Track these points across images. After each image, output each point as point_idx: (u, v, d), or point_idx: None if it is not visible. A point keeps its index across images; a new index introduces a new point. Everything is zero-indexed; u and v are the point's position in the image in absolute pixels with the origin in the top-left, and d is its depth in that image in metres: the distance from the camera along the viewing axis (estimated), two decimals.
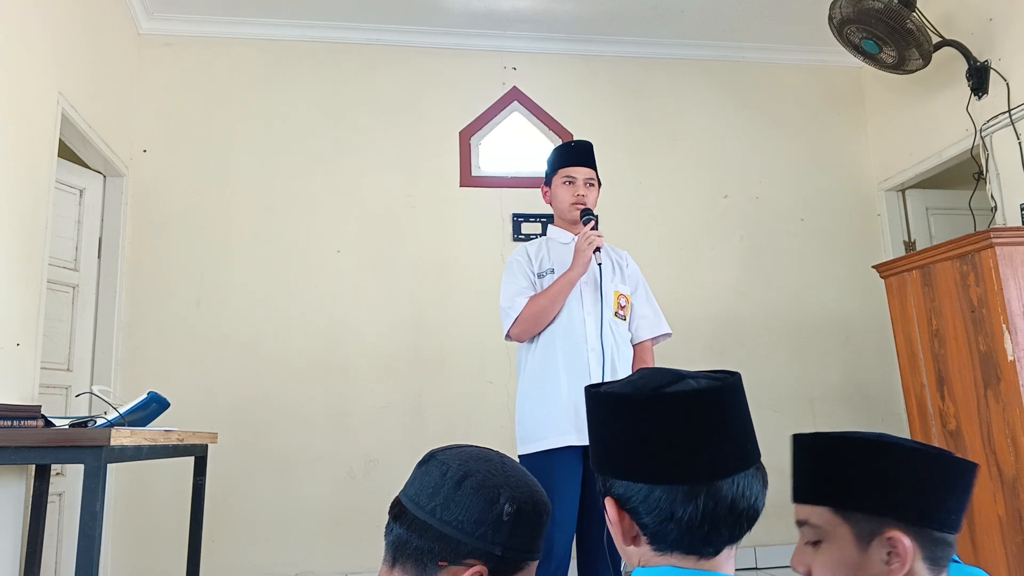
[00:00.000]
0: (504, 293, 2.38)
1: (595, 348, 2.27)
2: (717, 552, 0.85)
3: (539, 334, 2.33)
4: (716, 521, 0.84)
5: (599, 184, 2.49)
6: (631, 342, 2.44)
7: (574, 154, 2.46)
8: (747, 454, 0.87)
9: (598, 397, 0.93)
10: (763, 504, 0.89)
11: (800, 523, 1.06)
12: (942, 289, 3.08)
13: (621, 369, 2.31)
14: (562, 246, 2.45)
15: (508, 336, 2.37)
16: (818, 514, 1.03)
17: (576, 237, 2.41)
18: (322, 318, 3.92)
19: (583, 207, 2.40)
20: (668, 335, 2.51)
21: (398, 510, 1.07)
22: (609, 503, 0.89)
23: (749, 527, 0.87)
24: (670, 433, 0.85)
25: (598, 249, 2.30)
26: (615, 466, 0.89)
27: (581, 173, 2.43)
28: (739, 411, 0.89)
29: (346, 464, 3.80)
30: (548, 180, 2.50)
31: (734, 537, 0.86)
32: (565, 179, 2.43)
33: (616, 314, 2.37)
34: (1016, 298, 2.78)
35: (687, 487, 0.84)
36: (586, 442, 2.18)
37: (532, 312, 2.30)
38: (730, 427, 0.87)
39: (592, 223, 2.35)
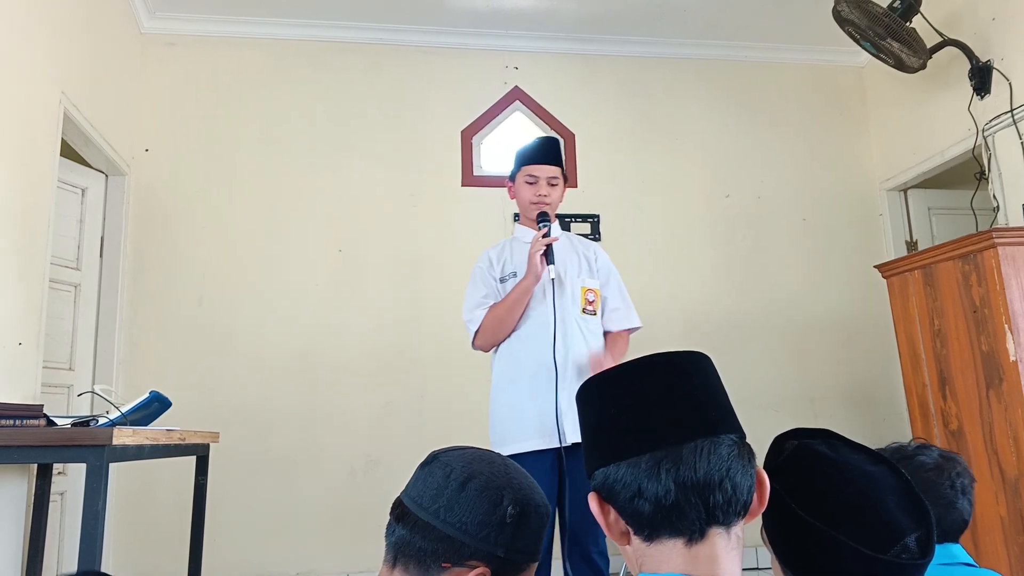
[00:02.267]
0: (465, 305, 2.38)
1: (560, 349, 2.26)
2: (703, 533, 0.82)
3: (504, 340, 2.33)
4: (686, 490, 0.81)
5: (564, 181, 2.47)
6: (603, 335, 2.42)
7: (539, 152, 2.43)
8: (711, 421, 0.85)
9: (577, 394, 0.95)
10: (745, 479, 0.84)
11: None
12: (944, 289, 3.08)
13: (585, 371, 2.29)
14: (526, 245, 2.42)
15: (474, 346, 2.38)
16: None
17: None
18: (324, 317, 3.92)
19: (543, 208, 2.39)
20: (638, 328, 2.50)
21: (400, 511, 1.07)
22: (591, 498, 0.89)
23: (732, 503, 0.83)
24: (624, 405, 0.86)
25: (546, 255, 2.26)
26: (590, 456, 0.90)
27: (544, 172, 2.40)
28: (697, 379, 0.88)
29: (347, 463, 3.80)
30: (512, 176, 2.48)
31: (714, 514, 0.82)
32: (528, 178, 2.41)
33: (584, 310, 2.35)
34: (1018, 298, 2.78)
35: (648, 457, 0.83)
36: (554, 444, 2.19)
37: (490, 323, 2.31)
38: (685, 393, 0.86)
39: (547, 229, 2.32)
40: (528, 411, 2.23)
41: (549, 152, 2.44)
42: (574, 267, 2.41)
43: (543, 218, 2.37)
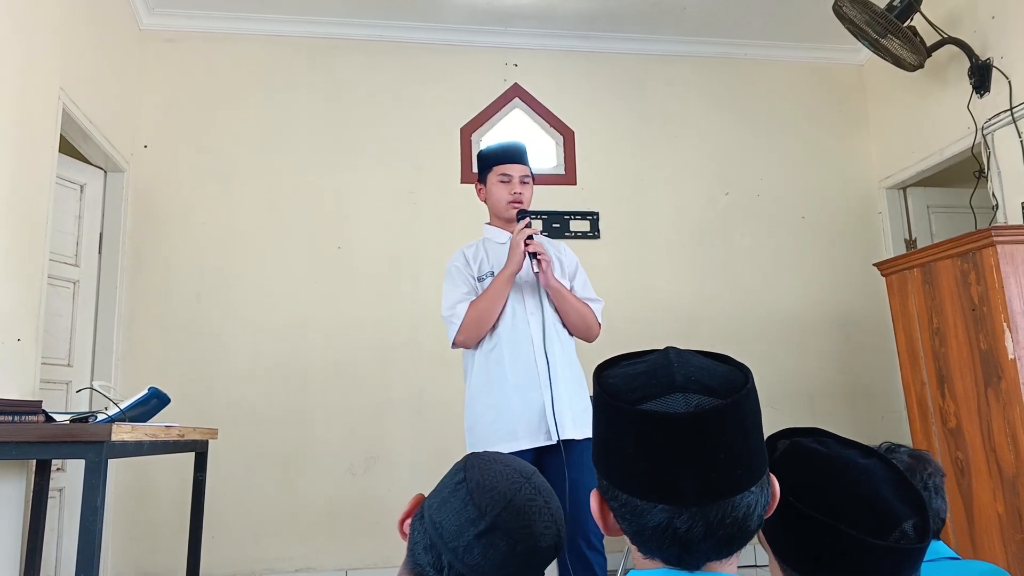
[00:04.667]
0: (445, 301, 2.36)
1: (540, 349, 2.26)
2: (699, 566, 0.79)
3: (483, 339, 2.32)
4: (689, 541, 0.77)
5: (533, 181, 2.49)
6: (570, 331, 2.43)
7: (510, 151, 2.46)
8: (736, 480, 0.77)
9: (598, 384, 0.87)
10: (758, 521, 0.80)
11: None
12: (943, 287, 3.08)
13: (567, 366, 2.30)
14: (499, 246, 2.43)
15: (454, 344, 2.36)
16: None
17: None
18: (323, 314, 3.92)
19: (519, 206, 2.39)
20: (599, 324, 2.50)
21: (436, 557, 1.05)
22: (593, 496, 0.86)
23: (739, 545, 0.80)
24: (647, 451, 0.78)
25: (534, 253, 2.25)
26: (598, 461, 0.86)
27: (517, 171, 2.42)
28: (729, 435, 0.78)
29: (346, 460, 3.80)
30: (482, 178, 2.49)
31: (719, 554, 0.79)
32: (501, 176, 2.42)
33: (557, 310, 2.36)
34: (1017, 296, 2.78)
35: (661, 507, 0.78)
36: (539, 443, 2.19)
37: (474, 317, 2.29)
38: (714, 453, 0.77)
39: (527, 221, 2.33)
40: (515, 410, 2.22)
41: (519, 152, 2.46)
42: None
43: (523, 215, 2.37)
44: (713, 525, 0.77)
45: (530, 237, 2.28)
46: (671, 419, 0.77)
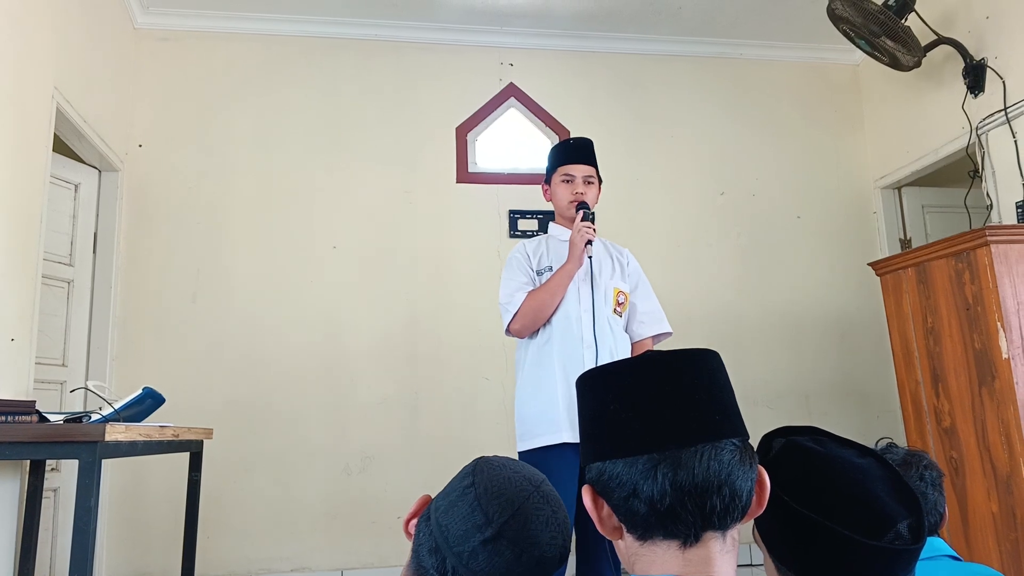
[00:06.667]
0: (504, 289, 2.38)
1: (591, 346, 2.28)
2: (698, 537, 0.81)
3: (536, 332, 2.34)
4: (682, 495, 0.79)
5: (600, 181, 2.49)
6: (631, 340, 2.45)
7: (573, 151, 2.46)
8: (714, 425, 0.82)
9: (576, 382, 0.94)
10: (745, 484, 0.82)
11: None
12: (937, 287, 3.09)
13: None
14: (562, 243, 2.44)
15: (508, 332, 2.38)
16: None
17: None
18: (318, 314, 3.91)
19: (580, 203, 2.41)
20: (669, 334, 2.52)
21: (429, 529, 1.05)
22: (585, 491, 0.88)
23: (729, 509, 0.81)
24: (624, 401, 0.84)
25: (589, 242, 2.31)
26: (586, 449, 0.89)
27: (580, 171, 2.43)
28: (702, 379, 0.85)
29: (342, 460, 3.80)
30: (548, 178, 2.51)
31: (711, 520, 0.80)
32: (564, 177, 2.43)
33: (614, 311, 2.38)
34: (1011, 296, 2.79)
35: (645, 458, 0.81)
36: (578, 439, 2.20)
37: (531, 307, 2.30)
38: (688, 394, 0.83)
39: (584, 215, 2.35)
40: (559, 404, 2.24)
41: (584, 151, 2.47)
42: (608, 268, 2.44)
43: (583, 206, 2.38)
44: (697, 478, 0.80)
45: (589, 242, 2.30)
46: (647, 362, 0.86)
